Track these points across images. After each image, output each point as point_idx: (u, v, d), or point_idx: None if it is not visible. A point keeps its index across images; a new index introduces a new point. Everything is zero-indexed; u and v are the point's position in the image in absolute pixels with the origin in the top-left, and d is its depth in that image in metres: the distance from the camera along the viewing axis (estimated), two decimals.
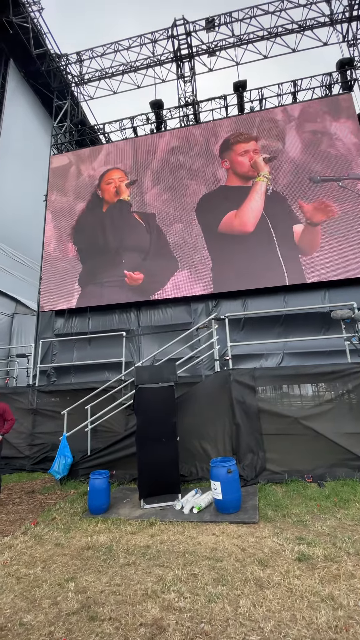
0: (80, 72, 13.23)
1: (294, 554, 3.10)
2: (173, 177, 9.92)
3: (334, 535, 3.40)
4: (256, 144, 9.54)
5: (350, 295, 7.47)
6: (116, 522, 4.20)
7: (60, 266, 10.03)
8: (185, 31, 11.75)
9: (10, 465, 7.26)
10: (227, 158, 9.65)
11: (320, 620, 2.25)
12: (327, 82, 10.95)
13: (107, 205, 10.28)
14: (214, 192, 9.45)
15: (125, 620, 2.42)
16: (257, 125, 9.75)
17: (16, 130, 13.11)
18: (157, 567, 3.10)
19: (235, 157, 9.57)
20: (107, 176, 10.62)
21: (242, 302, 8.62)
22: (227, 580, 2.80)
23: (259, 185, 9.06)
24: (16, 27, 11.93)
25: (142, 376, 5.31)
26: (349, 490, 4.54)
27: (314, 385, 5.91)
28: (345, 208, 8.33)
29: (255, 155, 9.39)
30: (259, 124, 9.76)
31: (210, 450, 5.59)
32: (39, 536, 3.96)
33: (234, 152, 9.63)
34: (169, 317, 9.10)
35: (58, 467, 5.86)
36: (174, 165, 10.05)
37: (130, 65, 12.74)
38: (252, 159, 9.39)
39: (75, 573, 3.10)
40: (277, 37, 11.75)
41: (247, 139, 9.67)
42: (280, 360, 7.74)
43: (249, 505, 4.33)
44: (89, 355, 9.02)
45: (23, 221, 12.65)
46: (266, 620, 2.31)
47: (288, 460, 5.27)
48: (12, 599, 2.78)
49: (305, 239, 8.35)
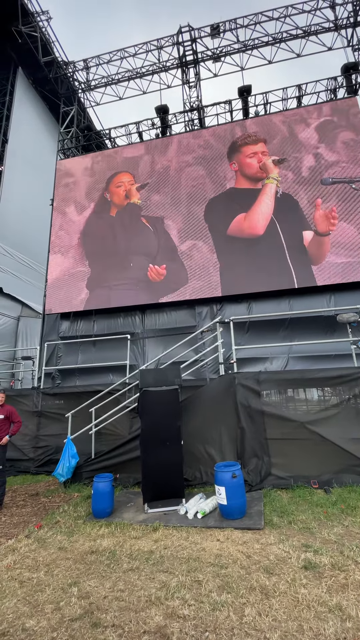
0: (86, 79, 13.42)
1: (300, 561, 3.04)
2: (181, 179, 9.96)
3: (342, 543, 3.33)
4: (264, 146, 9.55)
5: (355, 299, 7.40)
6: (120, 526, 4.17)
7: (67, 269, 10.09)
8: (190, 37, 11.87)
9: (15, 467, 7.27)
10: (235, 160, 9.66)
11: (329, 632, 2.19)
12: (331, 86, 10.95)
13: (116, 208, 10.32)
14: (222, 195, 9.46)
15: (128, 628, 2.38)
16: (268, 128, 9.75)
17: (24, 136, 13.31)
18: (161, 572, 3.05)
19: (244, 159, 9.57)
20: (116, 179, 10.68)
21: (247, 305, 8.58)
22: (232, 587, 2.74)
23: (269, 188, 9.04)
24: (25, 36, 12.16)
25: (146, 379, 5.29)
26: (356, 497, 4.45)
27: (320, 390, 5.84)
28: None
29: (264, 157, 9.39)
30: (268, 127, 9.76)
31: (214, 455, 5.54)
32: (42, 539, 3.94)
33: (242, 154, 9.64)
34: (174, 320, 9.09)
35: (62, 470, 5.84)
36: (183, 168, 10.08)
37: (136, 72, 12.89)
38: (260, 160, 9.39)
39: (79, 578, 3.07)
40: (282, 42, 11.81)
41: (255, 141, 9.68)
42: (285, 364, 7.68)
43: (254, 510, 4.27)
44: (94, 358, 9.04)
45: (30, 225, 12.80)
46: (272, 630, 2.25)
47: (293, 466, 5.19)
48: (14, 604, 2.75)
49: (314, 247, 8.29)
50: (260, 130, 9.79)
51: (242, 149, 9.72)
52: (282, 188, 8.96)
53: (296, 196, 8.83)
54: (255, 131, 9.83)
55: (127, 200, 10.28)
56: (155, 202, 9.97)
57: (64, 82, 13.56)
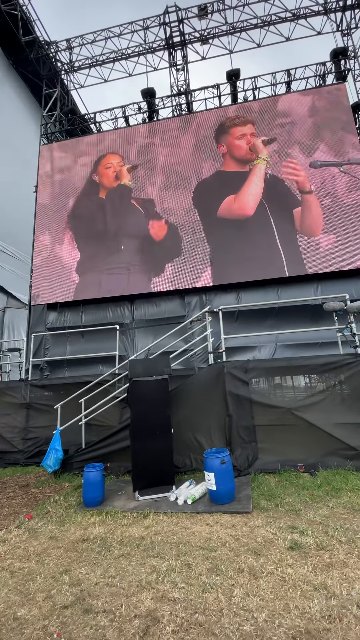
0: (70, 60, 12.88)
1: (287, 542, 3.14)
2: (170, 163, 9.77)
3: (326, 524, 3.45)
4: (253, 127, 9.41)
5: (342, 288, 7.50)
6: (111, 514, 4.21)
7: (54, 257, 9.87)
8: (177, 18, 11.48)
9: (4, 459, 7.22)
10: (224, 142, 9.51)
11: (314, 610, 2.28)
12: (321, 71, 10.83)
13: (105, 190, 10.08)
14: (210, 178, 9.33)
15: (119, 612, 2.43)
16: (257, 112, 9.61)
17: (4, 120, 12.76)
18: (152, 558, 3.11)
19: (232, 141, 9.44)
20: (104, 161, 10.40)
21: (236, 294, 8.60)
22: (221, 570, 2.81)
23: (258, 168, 8.97)
24: (4, 14, 11.54)
25: (136, 369, 5.28)
26: (340, 480, 4.60)
27: (307, 377, 5.94)
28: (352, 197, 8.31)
29: (253, 138, 9.29)
30: (258, 112, 9.62)
31: (204, 442, 5.61)
32: (33, 530, 3.95)
33: (231, 136, 9.50)
34: (163, 310, 9.05)
35: (50, 461, 5.83)
36: (170, 151, 9.87)
37: (122, 53, 12.45)
38: (249, 142, 9.28)
39: (70, 566, 3.10)
40: (271, 25, 11.55)
41: (244, 122, 9.53)
42: (273, 352, 7.77)
43: (243, 495, 4.36)
44: (83, 349, 8.95)
45: (12, 213, 12.39)
46: (260, 609, 2.33)
47: (281, 451, 5.31)
48: (5, 593, 2.76)
49: (305, 216, 8.31)
50: (251, 114, 9.64)
51: (230, 130, 9.57)
52: (271, 171, 8.91)
53: (283, 176, 8.81)
54: (247, 115, 9.68)
55: (117, 181, 10.05)
56: (145, 184, 9.78)
57: (46, 63, 12.99)
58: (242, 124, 9.54)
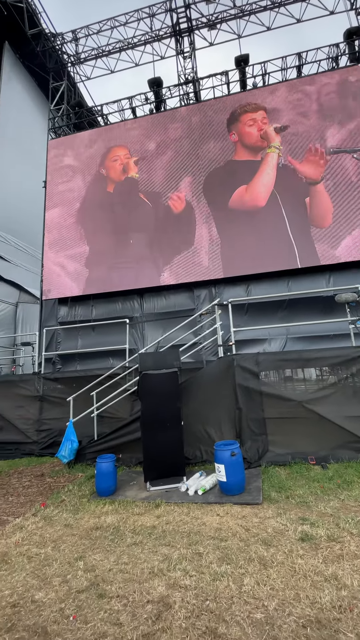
0: (76, 51, 12.76)
1: (297, 534, 3.16)
2: (180, 154, 9.64)
3: (337, 516, 3.45)
4: (264, 114, 9.15)
5: (354, 279, 7.35)
6: (123, 504, 4.30)
7: (63, 252, 9.96)
8: (184, 3, 11.21)
9: (20, 450, 7.45)
10: (235, 130, 9.27)
11: (324, 600, 2.30)
12: (333, 53, 10.44)
13: (112, 184, 10.05)
14: (221, 168, 9.16)
15: (132, 598, 2.50)
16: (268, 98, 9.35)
17: (13, 115, 12.79)
18: (163, 546, 3.18)
19: (243, 128, 9.19)
20: (111, 153, 10.34)
21: (245, 287, 8.52)
22: (231, 559, 2.86)
23: (270, 157, 8.74)
24: (10, 7, 11.48)
25: (146, 362, 5.32)
26: (352, 472, 4.58)
27: (318, 369, 5.89)
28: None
29: (265, 125, 9.02)
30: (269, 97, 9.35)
31: (214, 434, 5.65)
32: (48, 517, 4.08)
33: (242, 123, 9.25)
34: (172, 303, 9.05)
35: (65, 452, 5.98)
36: (179, 142, 9.73)
37: (128, 42, 12.25)
38: (261, 129, 9.01)
39: (84, 552, 3.20)
40: (281, 6, 11.15)
41: (255, 109, 9.25)
42: (283, 345, 7.71)
43: (253, 486, 4.39)
44: (93, 343, 9.06)
45: (24, 208, 12.51)
46: (270, 598, 2.36)
47: (291, 443, 5.31)
48: (24, 577, 2.87)
49: (314, 207, 8.14)
50: (260, 102, 9.40)
51: (241, 117, 9.32)
52: (284, 160, 8.70)
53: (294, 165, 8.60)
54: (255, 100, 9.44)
55: (124, 174, 9.99)
56: (153, 176, 9.70)
57: (53, 56, 12.90)
58: (253, 110, 9.28)
